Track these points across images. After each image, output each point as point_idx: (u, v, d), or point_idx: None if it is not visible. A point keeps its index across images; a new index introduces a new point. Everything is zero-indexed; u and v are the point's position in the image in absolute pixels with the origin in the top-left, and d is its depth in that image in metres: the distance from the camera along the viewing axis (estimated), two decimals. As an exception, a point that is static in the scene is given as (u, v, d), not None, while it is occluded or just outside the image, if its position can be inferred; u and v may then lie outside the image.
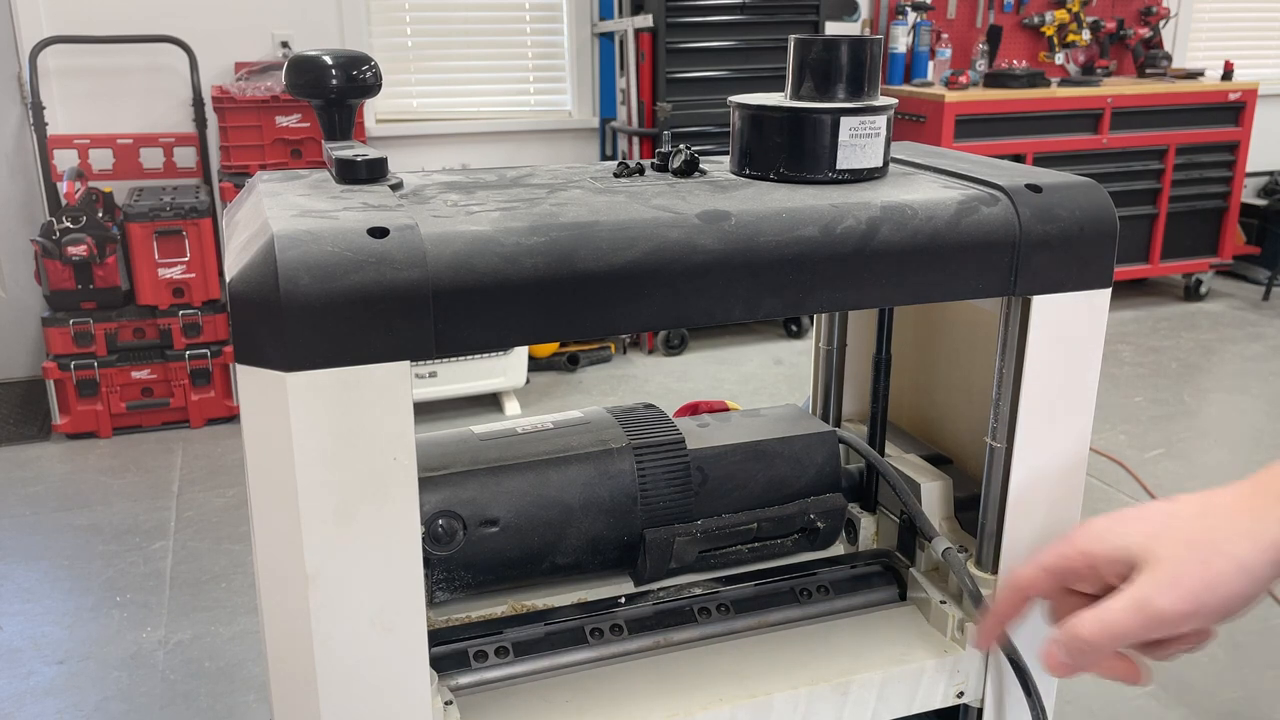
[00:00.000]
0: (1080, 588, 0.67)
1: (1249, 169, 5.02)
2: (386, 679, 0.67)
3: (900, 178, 0.83)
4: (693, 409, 1.08)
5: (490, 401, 3.76)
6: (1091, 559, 0.65)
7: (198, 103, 3.75)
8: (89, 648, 2.35)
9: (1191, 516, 0.63)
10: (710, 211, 0.71)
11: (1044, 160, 4.39)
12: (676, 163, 0.84)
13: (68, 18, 3.67)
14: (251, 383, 0.61)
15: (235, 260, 0.63)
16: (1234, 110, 4.77)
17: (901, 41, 4.68)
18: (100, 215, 3.40)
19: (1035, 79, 4.54)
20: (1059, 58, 5.02)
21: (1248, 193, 5.19)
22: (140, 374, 3.48)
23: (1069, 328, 0.79)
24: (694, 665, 0.81)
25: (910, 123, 4.43)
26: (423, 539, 0.75)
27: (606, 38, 4.38)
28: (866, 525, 1.00)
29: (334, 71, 0.77)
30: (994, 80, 4.58)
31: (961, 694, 0.86)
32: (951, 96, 4.28)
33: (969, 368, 0.96)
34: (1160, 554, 0.62)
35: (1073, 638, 0.63)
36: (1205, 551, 0.61)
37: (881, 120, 0.81)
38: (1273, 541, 0.60)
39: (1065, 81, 4.73)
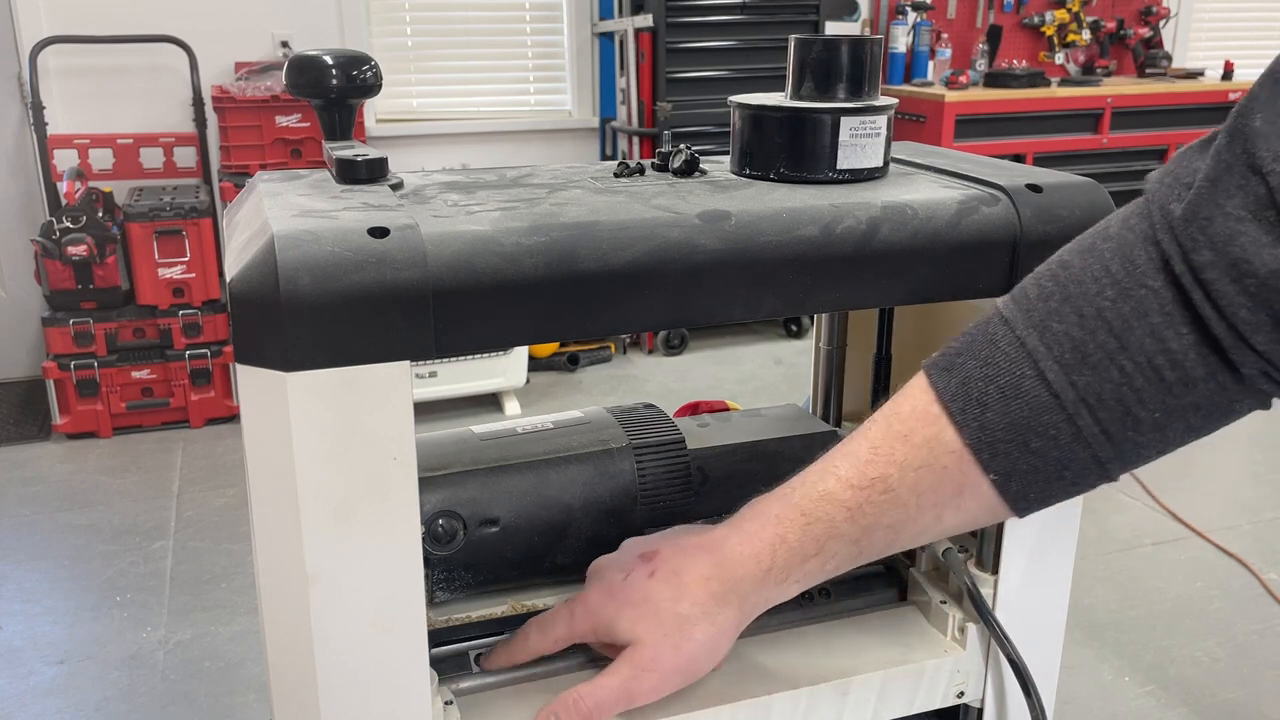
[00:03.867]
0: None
1: (1249, 169, 5.02)
2: (387, 679, 0.67)
3: (900, 178, 0.83)
4: (693, 409, 1.08)
5: (490, 401, 3.76)
6: (596, 635, 0.75)
7: (198, 103, 3.75)
8: (89, 648, 2.35)
9: (665, 600, 0.72)
10: (710, 211, 0.71)
11: (1044, 160, 4.39)
12: (676, 163, 0.84)
13: (68, 18, 3.67)
14: (251, 383, 0.61)
15: (235, 260, 0.63)
16: (1234, 110, 4.77)
17: (901, 41, 4.68)
18: (100, 215, 3.41)
19: (1035, 79, 4.54)
20: (1059, 58, 5.02)
21: (1248, 193, 5.19)
22: (140, 374, 3.48)
23: (1069, 328, 0.79)
24: (694, 665, 0.81)
25: (910, 123, 4.43)
26: (423, 539, 0.75)
27: (606, 38, 4.38)
28: (866, 525, 1.00)
29: (334, 71, 0.77)
30: (994, 80, 4.58)
31: (961, 694, 0.86)
32: (951, 96, 4.29)
33: (969, 368, 0.96)
34: (642, 638, 0.71)
35: (569, 709, 0.72)
36: (677, 637, 0.71)
37: (882, 120, 0.81)
38: (726, 623, 0.71)
39: (1065, 81, 4.73)
